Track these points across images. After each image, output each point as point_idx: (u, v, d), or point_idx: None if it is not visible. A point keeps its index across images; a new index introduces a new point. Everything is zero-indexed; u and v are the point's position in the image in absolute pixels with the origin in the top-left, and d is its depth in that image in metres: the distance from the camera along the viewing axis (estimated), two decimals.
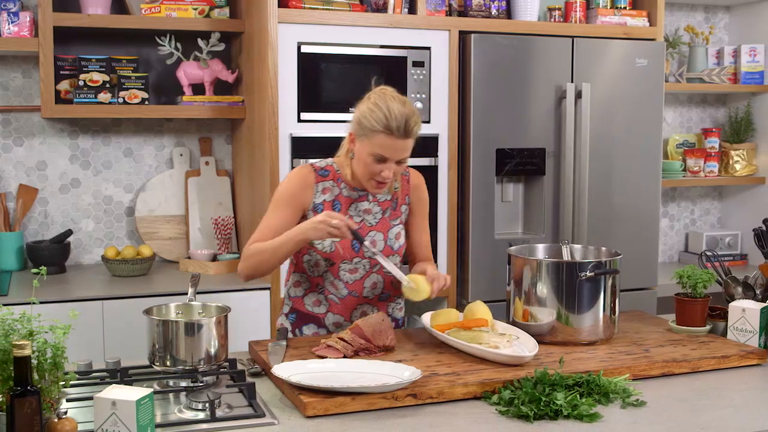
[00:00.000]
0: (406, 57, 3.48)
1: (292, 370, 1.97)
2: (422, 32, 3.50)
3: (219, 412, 1.80)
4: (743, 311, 2.34)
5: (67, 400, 1.80)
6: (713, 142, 4.46)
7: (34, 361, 1.53)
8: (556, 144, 3.66)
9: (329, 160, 2.46)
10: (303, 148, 3.34)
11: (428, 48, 3.51)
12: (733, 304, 2.38)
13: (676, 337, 2.42)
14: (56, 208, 3.70)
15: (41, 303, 2.99)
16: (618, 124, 3.76)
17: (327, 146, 3.36)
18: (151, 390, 1.57)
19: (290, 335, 2.49)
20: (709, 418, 1.86)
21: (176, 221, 3.82)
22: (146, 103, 3.51)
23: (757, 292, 2.48)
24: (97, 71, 3.46)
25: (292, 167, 3.33)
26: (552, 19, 3.83)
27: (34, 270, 1.71)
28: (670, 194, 4.60)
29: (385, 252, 2.42)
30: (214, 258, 3.66)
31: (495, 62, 3.54)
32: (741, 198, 4.61)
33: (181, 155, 3.84)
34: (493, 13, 3.68)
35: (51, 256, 3.49)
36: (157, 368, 2.00)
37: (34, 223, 3.67)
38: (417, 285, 2.32)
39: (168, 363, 1.98)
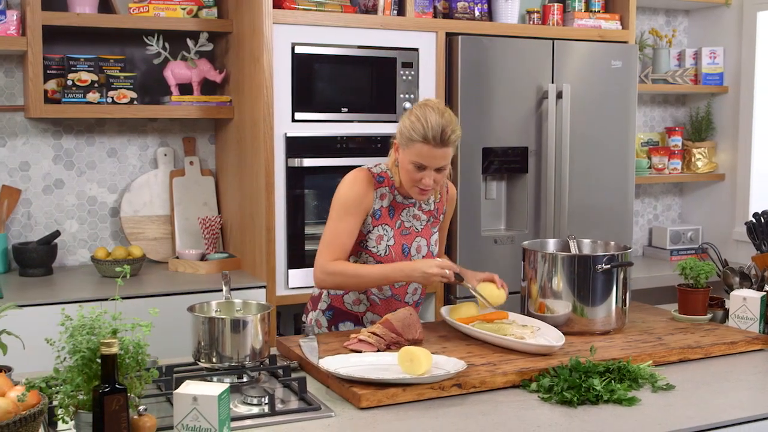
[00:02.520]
0: (395, 58, 3.54)
1: (338, 364, 2.02)
2: (411, 33, 3.57)
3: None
4: (744, 300, 2.49)
5: None
6: (676, 141, 4.66)
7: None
8: (537, 143, 3.78)
9: (381, 166, 2.53)
10: (297, 147, 3.38)
11: (416, 49, 3.58)
12: (734, 293, 2.52)
13: (681, 325, 2.55)
14: (40, 209, 3.64)
15: (30, 306, 2.99)
16: (595, 124, 3.90)
17: (321, 146, 3.43)
18: (228, 385, 1.60)
19: (324, 332, 2.55)
20: (735, 399, 1.98)
21: (162, 221, 3.80)
22: (135, 102, 3.49)
23: (753, 281, 2.63)
24: (85, 71, 3.42)
25: (287, 167, 3.36)
26: (531, 22, 3.94)
27: (118, 268, 1.72)
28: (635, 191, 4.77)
29: (426, 257, 2.55)
30: (202, 257, 3.66)
31: (480, 63, 3.63)
32: (701, 194, 4.82)
33: (165, 155, 3.82)
34: (476, 15, 3.77)
35: (39, 258, 3.43)
36: (202, 365, 2.02)
37: (17, 224, 3.60)
38: (492, 294, 2.50)
39: (214, 360, 2.00)
